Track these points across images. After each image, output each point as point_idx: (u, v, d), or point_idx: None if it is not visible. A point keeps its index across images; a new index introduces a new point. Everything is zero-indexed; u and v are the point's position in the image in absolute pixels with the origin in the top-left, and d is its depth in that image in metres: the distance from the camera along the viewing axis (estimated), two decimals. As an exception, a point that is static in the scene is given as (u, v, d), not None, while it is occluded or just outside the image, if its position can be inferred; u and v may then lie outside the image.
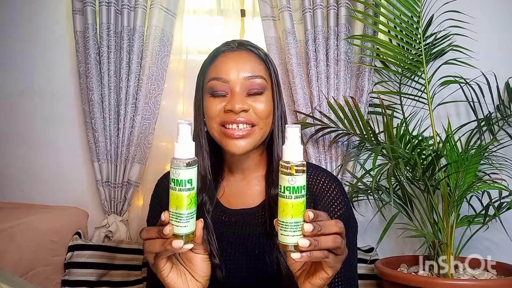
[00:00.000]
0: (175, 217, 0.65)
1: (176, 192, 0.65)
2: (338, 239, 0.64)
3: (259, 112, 0.91)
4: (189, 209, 0.65)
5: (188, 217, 0.65)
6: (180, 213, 0.65)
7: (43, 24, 1.91)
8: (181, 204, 0.65)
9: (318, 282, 0.69)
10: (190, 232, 0.66)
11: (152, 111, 1.75)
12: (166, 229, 0.65)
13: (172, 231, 0.65)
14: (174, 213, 0.65)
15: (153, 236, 0.68)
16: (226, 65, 0.93)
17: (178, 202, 0.65)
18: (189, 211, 0.65)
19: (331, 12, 1.65)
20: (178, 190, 0.65)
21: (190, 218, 0.66)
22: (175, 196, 0.65)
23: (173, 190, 0.65)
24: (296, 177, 0.63)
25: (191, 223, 0.66)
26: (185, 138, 0.66)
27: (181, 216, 0.65)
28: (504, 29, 1.75)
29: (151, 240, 0.68)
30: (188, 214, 0.65)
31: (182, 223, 0.65)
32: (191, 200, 0.65)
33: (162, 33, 1.75)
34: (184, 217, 0.65)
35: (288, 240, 0.63)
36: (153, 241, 0.68)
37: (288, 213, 0.63)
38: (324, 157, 1.67)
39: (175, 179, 0.65)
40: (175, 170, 0.65)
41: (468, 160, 1.39)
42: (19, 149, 1.91)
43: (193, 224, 0.67)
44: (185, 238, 0.66)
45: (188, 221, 0.66)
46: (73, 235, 1.70)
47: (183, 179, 0.65)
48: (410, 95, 1.69)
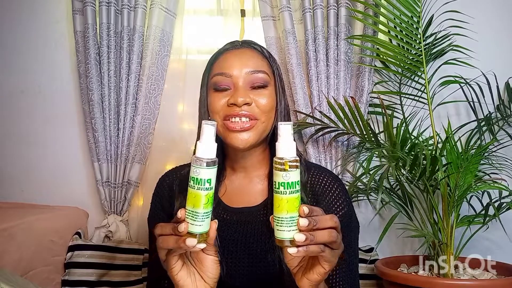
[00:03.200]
0: (191, 215, 0.66)
1: (194, 190, 0.65)
2: (333, 233, 0.65)
3: (262, 105, 0.92)
4: (205, 209, 0.66)
5: (204, 217, 0.66)
6: (197, 212, 0.65)
7: (43, 24, 1.91)
8: (198, 203, 0.65)
9: (316, 277, 0.69)
10: (204, 231, 0.66)
11: (152, 111, 1.75)
12: (181, 226, 0.65)
13: (187, 228, 0.65)
14: (191, 211, 0.66)
15: (167, 233, 0.68)
16: (230, 61, 0.94)
17: (196, 200, 0.65)
18: (206, 210, 0.66)
19: (331, 12, 1.65)
20: (197, 189, 0.65)
21: (206, 217, 0.66)
22: (193, 194, 0.66)
23: (192, 188, 0.66)
24: (290, 172, 0.64)
25: (206, 222, 0.66)
26: (208, 138, 0.67)
27: (197, 214, 0.65)
28: (504, 29, 1.75)
29: (165, 236, 0.68)
30: (204, 214, 0.66)
31: (197, 221, 0.65)
32: (208, 199, 0.66)
33: (162, 33, 1.75)
34: (200, 216, 0.65)
35: (284, 235, 0.64)
36: (166, 237, 0.68)
37: (283, 209, 0.64)
38: (324, 157, 1.67)
39: (195, 178, 0.65)
40: (196, 168, 0.65)
41: (468, 160, 1.39)
42: (19, 149, 1.91)
43: (207, 224, 0.67)
44: (199, 237, 0.66)
45: (204, 220, 0.66)
46: (73, 235, 1.70)
47: (203, 178, 0.65)
48: (410, 95, 1.69)
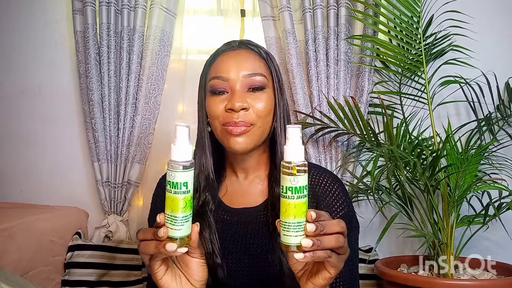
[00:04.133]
0: (170, 219, 0.65)
1: (171, 194, 0.65)
2: (340, 238, 0.64)
3: (259, 111, 0.91)
4: (184, 212, 0.65)
5: (183, 220, 0.65)
6: (175, 216, 0.65)
7: (43, 24, 1.91)
8: (176, 207, 0.64)
9: (321, 282, 0.69)
10: (185, 235, 0.66)
11: (152, 111, 1.75)
12: (161, 231, 0.65)
13: (166, 233, 0.65)
14: (169, 216, 0.65)
15: (149, 238, 0.67)
16: (226, 64, 0.93)
17: (174, 204, 0.65)
18: (184, 214, 0.65)
19: (331, 12, 1.65)
20: (174, 193, 0.64)
21: (185, 221, 0.66)
22: (171, 198, 0.65)
23: (169, 192, 0.65)
24: (298, 177, 0.62)
25: (186, 226, 0.66)
26: (182, 141, 0.65)
27: (176, 219, 0.65)
28: (504, 29, 1.75)
29: (146, 242, 0.68)
30: (183, 217, 0.65)
31: (176, 226, 0.65)
32: (186, 203, 0.65)
33: (162, 33, 1.75)
34: (179, 220, 0.65)
35: (291, 240, 0.63)
36: (148, 243, 0.68)
37: (290, 214, 0.62)
38: (324, 157, 1.67)
39: (171, 182, 0.65)
40: (171, 172, 0.65)
41: (468, 160, 1.39)
42: (19, 149, 1.91)
43: (188, 227, 0.66)
44: (179, 241, 0.65)
45: (183, 224, 0.65)
46: (73, 235, 1.70)
47: (179, 181, 0.64)
48: (410, 95, 1.69)
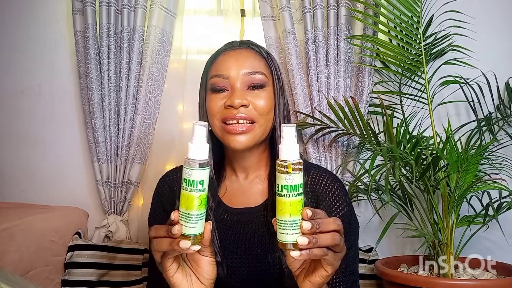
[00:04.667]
0: (184, 217, 0.65)
1: (187, 192, 0.65)
2: (336, 236, 0.64)
3: (259, 108, 0.92)
4: (199, 210, 0.65)
5: (197, 218, 0.65)
6: (190, 214, 0.65)
7: (43, 24, 1.91)
8: (191, 205, 0.65)
9: (318, 280, 0.69)
10: (198, 233, 0.66)
11: (152, 111, 1.75)
12: (175, 229, 0.65)
13: (180, 231, 0.65)
14: (184, 213, 0.65)
15: (162, 235, 0.67)
16: (227, 63, 0.94)
17: (189, 202, 0.65)
18: (199, 212, 0.65)
19: (331, 12, 1.65)
20: (189, 191, 0.65)
21: (199, 219, 0.66)
22: (186, 196, 0.65)
23: (184, 190, 0.65)
24: (293, 175, 0.63)
25: (200, 224, 0.66)
26: (199, 139, 0.66)
27: (190, 216, 0.65)
28: (504, 29, 1.75)
29: (159, 239, 0.68)
30: (197, 215, 0.65)
31: (191, 223, 0.65)
32: (201, 201, 0.65)
33: (162, 33, 1.75)
34: (194, 218, 0.65)
35: (287, 238, 0.63)
36: (161, 240, 0.68)
37: (286, 212, 0.63)
38: (324, 157, 1.67)
39: (187, 179, 0.65)
40: (188, 170, 0.65)
41: (468, 160, 1.39)
42: (19, 149, 1.91)
43: (202, 225, 0.67)
44: (193, 239, 0.65)
45: (197, 222, 0.65)
46: (73, 235, 1.70)
47: (195, 179, 0.65)
48: (410, 95, 1.69)
